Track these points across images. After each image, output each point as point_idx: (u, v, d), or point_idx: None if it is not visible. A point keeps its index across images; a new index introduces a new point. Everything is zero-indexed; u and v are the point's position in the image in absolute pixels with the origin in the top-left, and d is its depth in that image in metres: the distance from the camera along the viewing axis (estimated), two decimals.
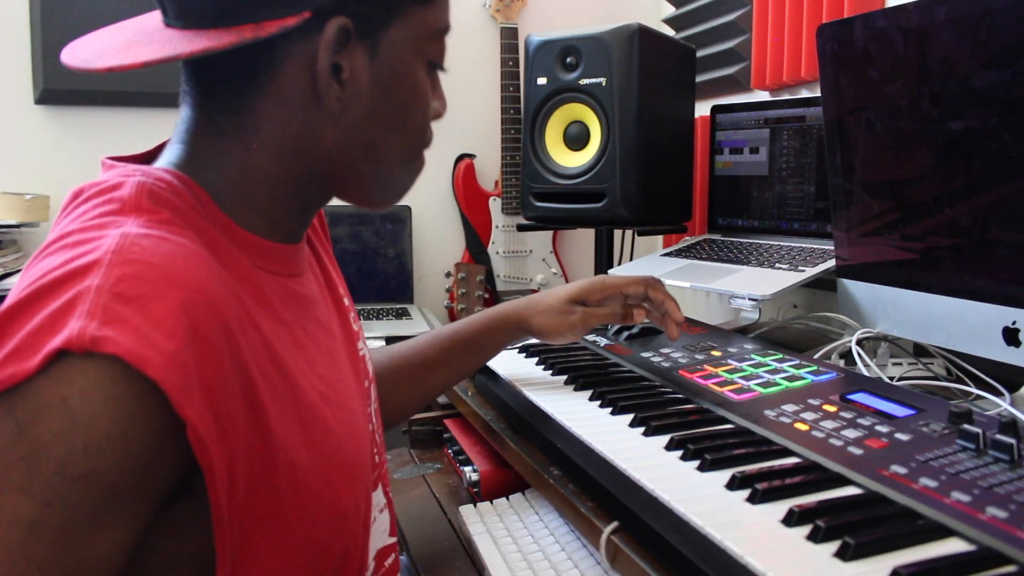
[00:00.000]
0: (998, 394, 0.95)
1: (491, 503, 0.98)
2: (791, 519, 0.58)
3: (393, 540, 0.78)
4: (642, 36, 1.48)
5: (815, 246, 1.38)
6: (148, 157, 0.64)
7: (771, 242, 1.48)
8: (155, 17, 0.62)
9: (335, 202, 0.70)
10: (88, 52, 0.59)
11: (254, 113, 0.60)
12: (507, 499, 0.99)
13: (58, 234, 0.53)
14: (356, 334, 0.77)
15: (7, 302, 0.48)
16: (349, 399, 0.67)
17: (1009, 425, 0.67)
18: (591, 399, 0.91)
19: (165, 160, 0.61)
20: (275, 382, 0.56)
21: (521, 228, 1.78)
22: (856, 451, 0.69)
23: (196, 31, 0.56)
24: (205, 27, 0.56)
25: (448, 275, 2.18)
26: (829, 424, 0.76)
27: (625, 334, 1.18)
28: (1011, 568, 0.51)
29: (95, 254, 0.48)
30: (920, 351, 1.11)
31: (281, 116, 0.60)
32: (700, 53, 1.81)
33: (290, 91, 0.59)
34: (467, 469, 1.08)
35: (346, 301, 0.78)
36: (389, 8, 0.60)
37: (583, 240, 2.26)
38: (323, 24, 0.57)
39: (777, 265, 1.34)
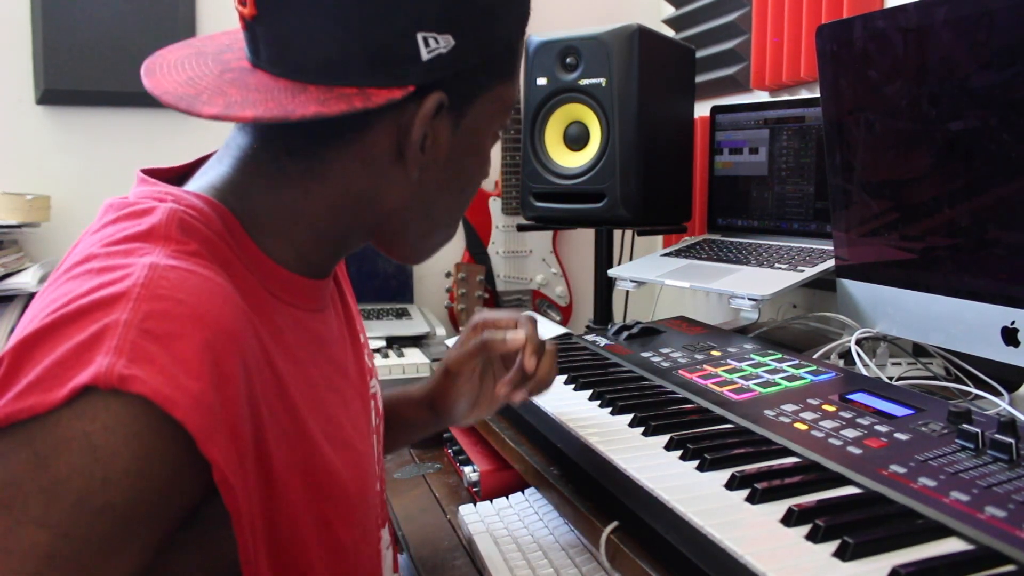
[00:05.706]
0: (997, 394, 0.95)
1: (491, 503, 0.98)
2: (790, 519, 0.58)
3: None
4: (642, 36, 1.48)
5: (815, 246, 1.38)
6: (187, 169, 0.63)
7: (771, 242, 1.48)
8: (231, 45, 0.60)
9: None
10: (174, 84, 0.56)
11: (326, 163, 0.59)
12: (507, 499, 0.99)
13: (83, 255, 0.52)
14: (369, 371, 0.76)
15: (30, 326, 0.47)
16: (356, 440, 0.66)
17: (1008, 425, 0.67)
18: (591, 399, 0.91)
19: (205, 180, 0.60)
20: (281, 421, 0.56)
21: (521, 228, 1.78)
22: (855, 451, 0.69)
23: (294, 83, 0.55)
24: (304, 81, 0.55)
25: (448, 275, 2.18)
26: (828, 424, 0.76)
27: (625, 334, 1.18)
28: (1010, 568, 0.51)
29: (122, 284, 0.48)
30: (919, 351, 1.11)
31: (354, 172, 0.59)
32: (700, 53, 1.81)
33: (372, 151, 0.59)
34: (467, 469, 1.09)
35: (362, 337, 0.77)
36: (481, 85, 0.61)
37: (583, 240, 2.26)
38: (422, 97, 0.56)
39: (777, 265, 1.34)
